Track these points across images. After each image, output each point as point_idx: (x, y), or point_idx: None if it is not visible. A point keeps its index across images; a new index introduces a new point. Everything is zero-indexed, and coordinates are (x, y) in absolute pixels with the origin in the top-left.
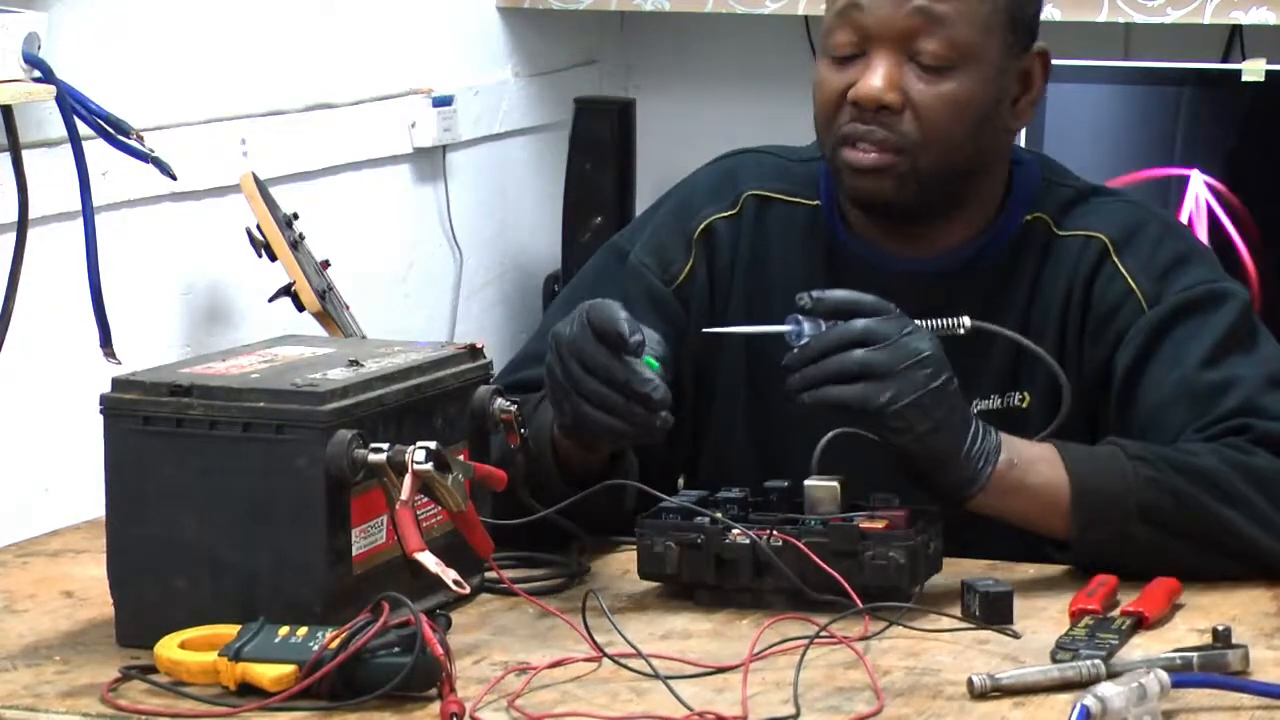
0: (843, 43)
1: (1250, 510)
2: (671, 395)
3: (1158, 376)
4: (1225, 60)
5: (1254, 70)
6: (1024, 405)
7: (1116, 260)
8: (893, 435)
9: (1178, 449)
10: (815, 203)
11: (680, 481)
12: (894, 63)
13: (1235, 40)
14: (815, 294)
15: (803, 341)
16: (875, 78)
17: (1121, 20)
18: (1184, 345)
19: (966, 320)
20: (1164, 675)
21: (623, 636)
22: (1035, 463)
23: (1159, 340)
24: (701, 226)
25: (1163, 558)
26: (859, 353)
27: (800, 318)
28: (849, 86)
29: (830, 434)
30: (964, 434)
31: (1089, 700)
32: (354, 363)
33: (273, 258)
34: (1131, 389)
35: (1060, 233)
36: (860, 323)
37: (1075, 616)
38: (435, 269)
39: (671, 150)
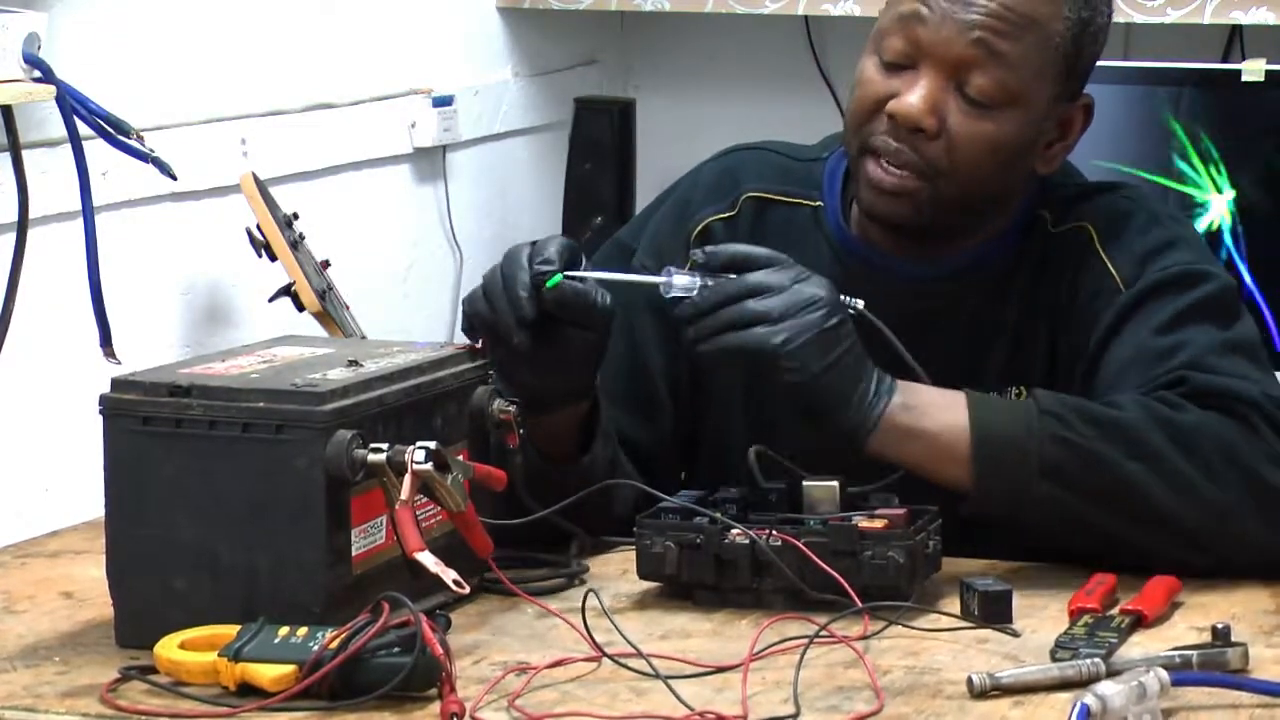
0: (895, 49)
1: (1161, 467)
2: (538, 311)
3: (1118, 347)
4: (1225, 60)
5: (1254, 70)
6: (1020, 399)
7: (1100, 249)
8: (788, 375)
9: (1103, 401)
10: (817, 204)
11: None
12: (940, 86)
13: (1235, 40)
14: (708, 249)
15: (672, 294)
16: (917, 97)
17: (1121, 20)
18: (1149, 317)
19: (859, 303)
20: (1164, 674)
21: (623, 636)
22: (932, 407)
23: (1128, 315)
24: (699, 228)
25: (1065, 518)
26: (752, 303)
27: (672, 270)
28: (890, 96)
29: (753, 449)
30: (859, 374)
31: (1089, 699)
32: (353, 363)
33: (273, 258)
34: (1097, 361)
35: (1054, 229)
36: (752, 276)
37: (1074, 615)
38: (435, 269)
39: (671, 150)
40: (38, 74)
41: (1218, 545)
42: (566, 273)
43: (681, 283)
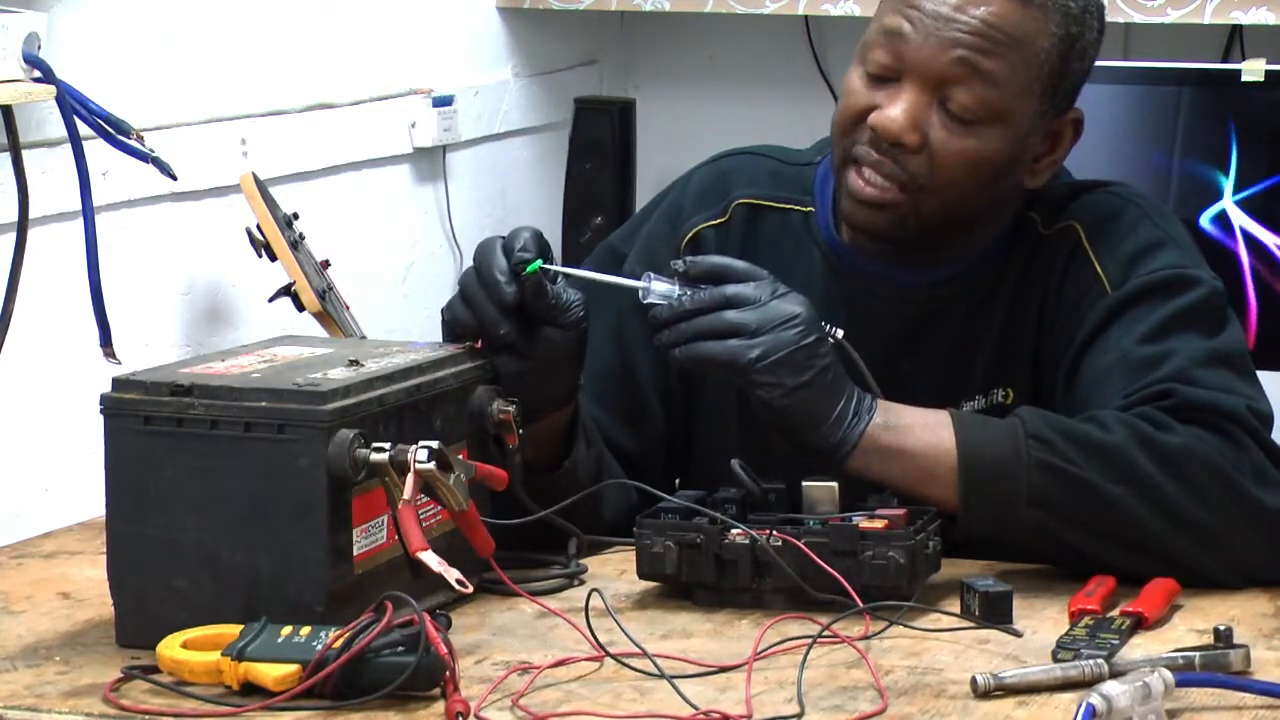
0: (879, 63)
1: (1147, 493)
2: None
3: (1102, 350)
4: (1225, 60)
5: (1254, 70)
6: (1008, 401)
7: (1088, 248)
8: (762, 391)
9: (1088, 419)
10: (809, 209)
11: (676, 482)
12: (922, 102)
13: (1235, 40)
14: (689, 259)
15: (650, 299)
16: (899, 112)
17: (1121, 20)
18: (1134, 323)
19: (839, 332)
20: (1168, 674)
21: (627, 636)
22: (914, 427)
23: (1113, 318)
24: (690, 235)
25: (1052, 542)
26: (730, 313)
27: (652, 275)
28: (873, 108)
29: (734, 461)
30: (837, 393)
31: (1094, 699)
32: (354, 363)
33: (273, 258)
34: (1080, 362)
35: (1045, 231)
36: (730, 287)
37: (1075, 616)
38: (435, 269)
39: (671, 150)
40: (38, 74)
41: (1208, 568)
42: (545, 266)
43: (660, 289)
